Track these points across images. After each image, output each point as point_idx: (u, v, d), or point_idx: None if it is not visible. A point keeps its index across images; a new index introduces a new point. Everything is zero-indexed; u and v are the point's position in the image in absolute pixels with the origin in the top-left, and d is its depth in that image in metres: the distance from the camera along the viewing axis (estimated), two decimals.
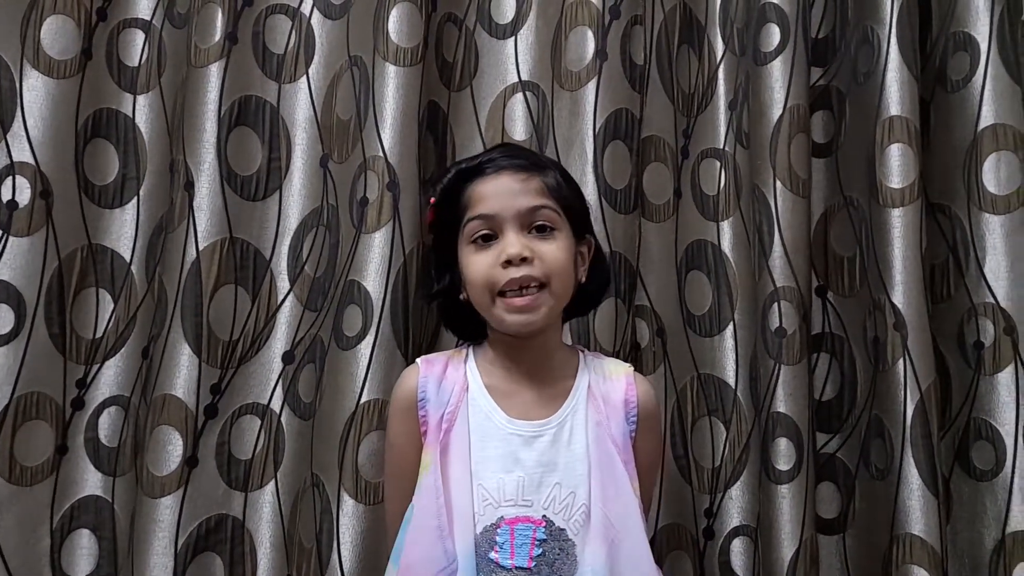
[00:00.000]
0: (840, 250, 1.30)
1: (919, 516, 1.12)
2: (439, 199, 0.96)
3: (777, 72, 1.25)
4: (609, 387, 0.96)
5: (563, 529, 0.89)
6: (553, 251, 0.91)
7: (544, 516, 0.89)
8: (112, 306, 1.26)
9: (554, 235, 0.92)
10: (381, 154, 1.17)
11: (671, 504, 1.26)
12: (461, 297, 0.96)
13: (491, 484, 0.90)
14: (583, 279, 0.97)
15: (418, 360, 0.98)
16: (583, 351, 1.00)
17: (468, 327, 1.00)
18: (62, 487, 1.20)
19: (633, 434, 0.95)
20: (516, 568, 0.87)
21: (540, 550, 0.88)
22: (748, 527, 1.23)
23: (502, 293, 0.90)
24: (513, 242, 0.89)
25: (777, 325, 1.21)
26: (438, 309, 1.03)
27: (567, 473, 0.91)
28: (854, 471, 1.25)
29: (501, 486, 0.90)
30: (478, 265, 0.91)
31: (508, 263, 0.89)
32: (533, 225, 0.91)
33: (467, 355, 0.98)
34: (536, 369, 0.95)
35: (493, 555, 0.88)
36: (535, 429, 0.92)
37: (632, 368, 1.00)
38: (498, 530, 0.88)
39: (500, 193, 0.92)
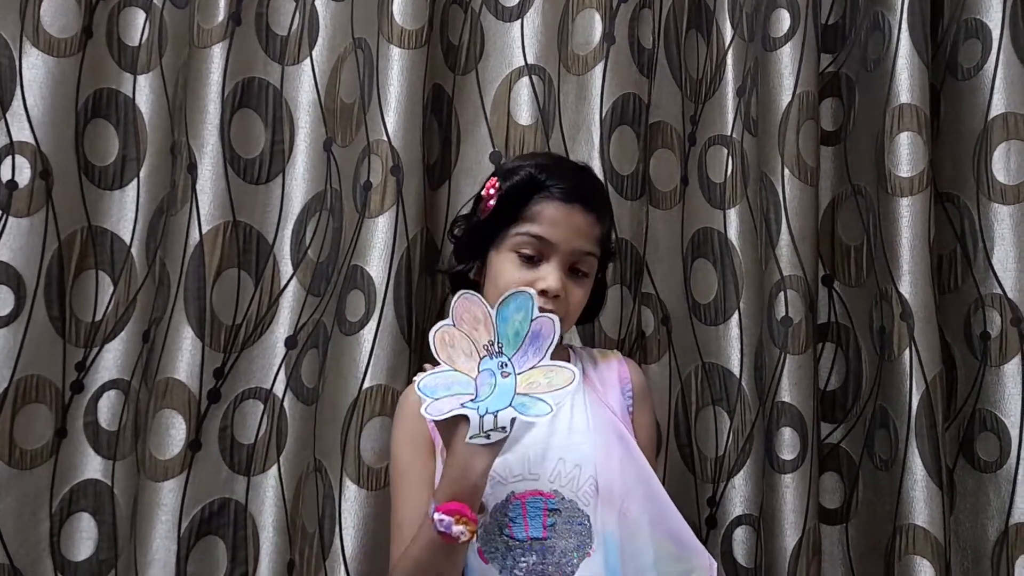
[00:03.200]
0: (847, 239, 1.30)
1: (922, 507, 1.13)
2: (507, 191, 0.96)
3: (786, 58, 1.25)
4: (602, 369, 1.01)
5: (573, 500, 0.91)
6: (579, 295, 0.96)
7: (554, 490, 0.91)
8: (112, 289, 1.24)
9: (586, 280, 0.97)
10: (385, 138, 1.16)
11: (674, 493, 1.22)
12: (471, 276, 0.98)
13: (496, 463, 0.89)
14: None
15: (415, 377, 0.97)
16: (571, 346, 1.05)
17: None
18: (61, 470, 1.20)
19: (631, 408, 0.98)
20: (531, 539, 0.90)
21: (553, 520, 0.90)
22: (751, 516, 1.23)
23: None
24: (555, 277, 0.93)
25: (783, 314, 1.20)
26: (449, 279, 1.05)
27: (570, 449, 0.93)
28: (858, 461, 1.25)
29: (506, 464, 0.91)
30: (512, 278, 0.93)
31: (543, 293, 0.91)
32: (573, 266, 0.95)
33: None
34: None
35: (507, 531, 0.90)
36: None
37: (619, 352, 1.03)
38: (510, 506, 0.91)
39: (566, 225, 0.94)
